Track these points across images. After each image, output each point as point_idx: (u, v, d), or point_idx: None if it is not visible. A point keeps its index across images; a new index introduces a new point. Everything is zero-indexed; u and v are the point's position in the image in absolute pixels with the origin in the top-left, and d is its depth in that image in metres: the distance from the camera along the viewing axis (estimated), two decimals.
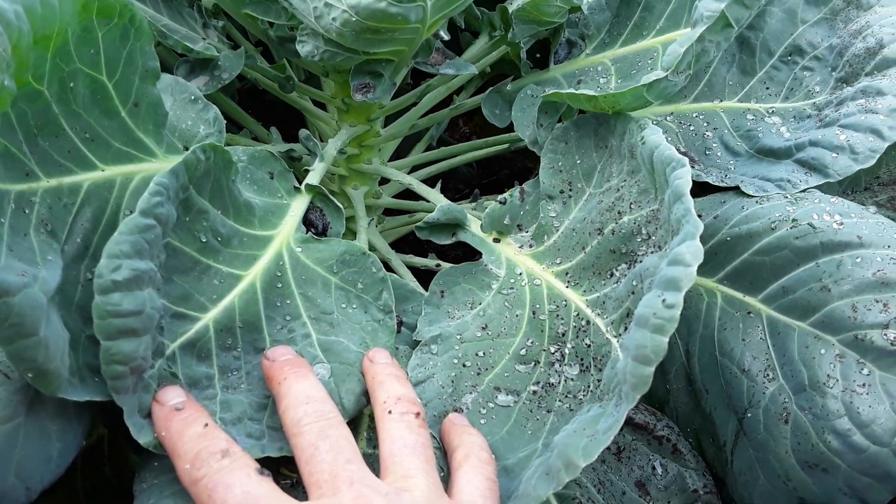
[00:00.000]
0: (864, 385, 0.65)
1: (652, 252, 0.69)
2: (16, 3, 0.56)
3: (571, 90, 0.75)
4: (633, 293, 0.67)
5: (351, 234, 0.92)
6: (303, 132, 0.87)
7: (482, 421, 0.69)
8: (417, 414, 0.63)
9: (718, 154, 0.87)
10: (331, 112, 0.95)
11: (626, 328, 0.66)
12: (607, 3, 0.85)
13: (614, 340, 0.68)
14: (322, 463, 0.57)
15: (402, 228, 1.06)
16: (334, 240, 0.77)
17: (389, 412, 0.63)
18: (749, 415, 0.72)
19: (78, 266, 0.64)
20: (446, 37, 0.79)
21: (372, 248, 0.89)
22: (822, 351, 0.68)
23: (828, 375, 0.67)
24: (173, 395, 0.60)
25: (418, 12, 0.64)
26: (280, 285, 0.71)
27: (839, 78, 0.84)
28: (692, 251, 0.56)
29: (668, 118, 0.90)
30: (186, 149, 0.73)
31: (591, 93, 0.73)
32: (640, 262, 0.69)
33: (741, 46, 0.90)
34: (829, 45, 0.86)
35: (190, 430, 0.57)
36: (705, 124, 0.89)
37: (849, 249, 0.69)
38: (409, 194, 1.00)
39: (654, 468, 0.76)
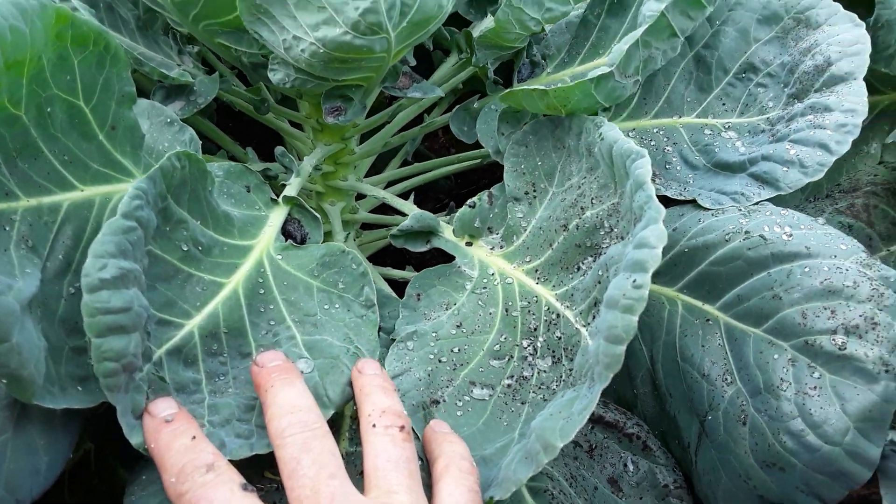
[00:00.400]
0: (815, 388, 0.68)
1: (615, 243, 0.72)
2: None
3: (524, 87, 0.79)
4: (599, 282, 0.70)
5: None
6: (278, 149, 0.90)
7: (459, 413, 0.71)
8: (402, 427, 0.63)
9: (678, 168, 0.90)
10: (306, 132, 0.98)
11: (594, 316, 0.69)
12: (567, 26, 0.89)
13: (583, 329, 0.70)
14: (304, 478, 0.56)
15: (379, 242, 1.09)
16: (313, 245, 0.79)
17: (374, 426, 0.63)
18: (710, 417, 0.75)
19: (60, 281, 0.66)
20: (413, 62, 0.82)
21: None
22: (776, 356, 0.71)
23: (781, 379, 0.70)
24: (164, 407, 0.61)
25: (382, 43, 0.68)
26: (262, 291, 0.73)
27: (791, 94, 0.88)
28: (656, 234, 0.59)
29: (630, 133, 0.94)
30: None
31: (542, 87, 0.77)
32: (605, 253, 0.72)
33: (698, 65, 0.94)
34: (781, 62, 0.90)
35: (177, 442, 0.58)
36: (665, 139, 0.93)
37: (798, 259, 0.72)
38: (386, 209, 1.02)
39: (625, 465, 0.79)
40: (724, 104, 0.92)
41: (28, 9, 0.63)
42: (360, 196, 1.08)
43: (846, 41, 0.85)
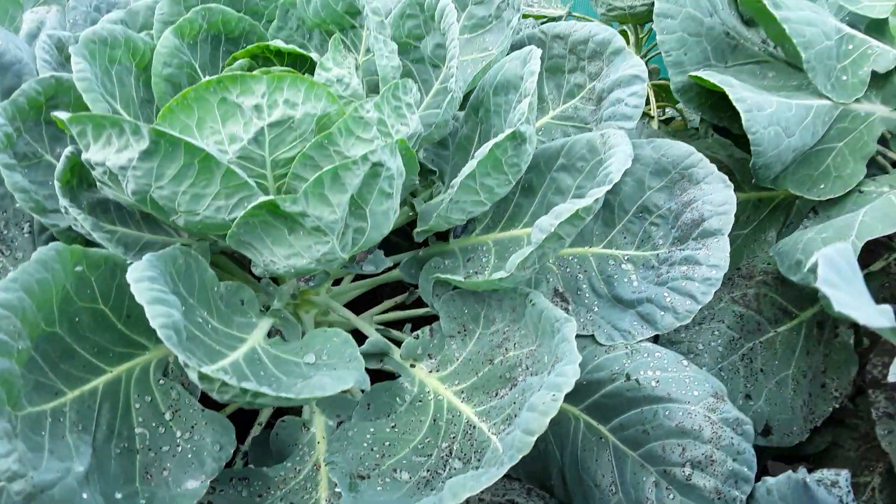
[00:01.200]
0: None
1: (529, 377, 0.93)
2: (17, 291, 0.79)
3: (448, 275, 1.00)
4: (515, 403, 0.91)
5: None
6: (263, 280, 1.10)
7: (379, 488, 0.89)
8: None
9: (587, 295, 1.11)
10: None
11: (505, 428, 0.90)
12: None
13: (494, 438, 0.90)
14: None
15: None
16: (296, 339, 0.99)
17: None
18: None
19: (109, 446, 0.87)
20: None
21: None
22: (644, 478, 0.94)
23: (647, 497, 0.93)
24: None
25: (339, 262, 0.87)
26: (259, 362, 0.91)
27: (675, 236, 1.08)
28: (573, 370, 0.83)
29: (550, 261, 1.14)
30: None
31: (459, 279, 1.00)
32: (519, 385, 0.94)
33: (605, 205, 1.13)
34: (669, 207, 1.09)
35: None
36: (578, 267, 1.13)
37: (662, 402, 0.94)
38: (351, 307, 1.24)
39: None
40: (625, 238, 1.12)
41: (48, 260, 0.83)
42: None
43: (717, 201, 1.04)
